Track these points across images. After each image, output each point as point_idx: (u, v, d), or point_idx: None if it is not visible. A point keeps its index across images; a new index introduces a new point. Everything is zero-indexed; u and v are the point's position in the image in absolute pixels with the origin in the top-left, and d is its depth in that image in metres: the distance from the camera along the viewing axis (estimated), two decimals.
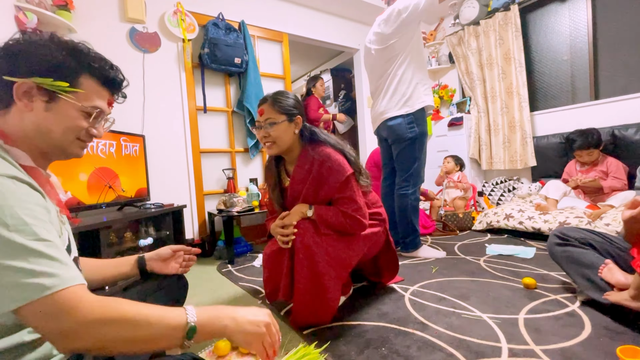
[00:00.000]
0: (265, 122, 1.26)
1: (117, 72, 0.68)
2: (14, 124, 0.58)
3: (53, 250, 0.50)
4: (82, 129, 0.62)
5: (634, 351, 0.85)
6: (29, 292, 0.46)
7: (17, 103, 0.57)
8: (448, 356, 0.98)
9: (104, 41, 2.28)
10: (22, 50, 0.57)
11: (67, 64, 0.59)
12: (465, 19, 3.42)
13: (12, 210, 0.47)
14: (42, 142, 0.60)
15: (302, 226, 1.21)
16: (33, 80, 0.56)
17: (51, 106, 0.59)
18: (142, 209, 2.06)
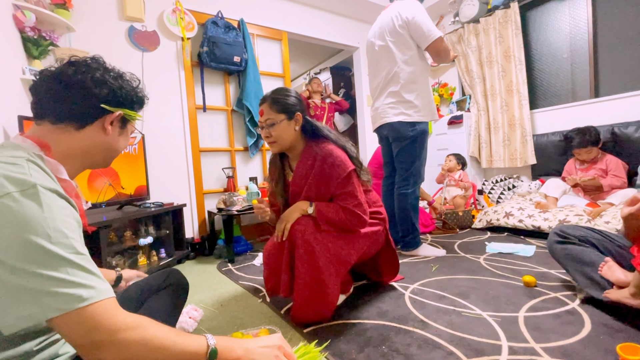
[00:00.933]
0: (266, 123, 1.26)
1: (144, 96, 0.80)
2: (81, 141, 0.64)
3: (89, 264, 0.52)
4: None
5: (634, 349, 0.85)
6: (67, 303, 0.47)
7: (104, 126, 0.66)
8: (448, 354, 0.98)
9: (102, 40, 2.27)
10: (115, 83, 0.67)
11: (137, 98, 0.73)
12: (465, 17, 3.41)
13: (55, 223, 0.49)
14: (103, 157, 0.70)
15: (302, 222, 1.22)
16: (124, 111, 0.69)
17: (123, 131, 0.72)
18: (141, 208, 2.06)
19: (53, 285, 0.47)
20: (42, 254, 0.47)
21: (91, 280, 0.51)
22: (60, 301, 0.47)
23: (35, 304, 0.46)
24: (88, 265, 0.51)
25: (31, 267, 0.46)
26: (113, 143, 0.69)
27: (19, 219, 0.47)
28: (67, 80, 0.62)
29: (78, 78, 0.62)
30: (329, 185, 1.25)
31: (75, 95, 0.62)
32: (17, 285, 0.46)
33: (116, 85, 0.67)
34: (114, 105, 0.66)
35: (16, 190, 0.48)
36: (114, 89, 0.66)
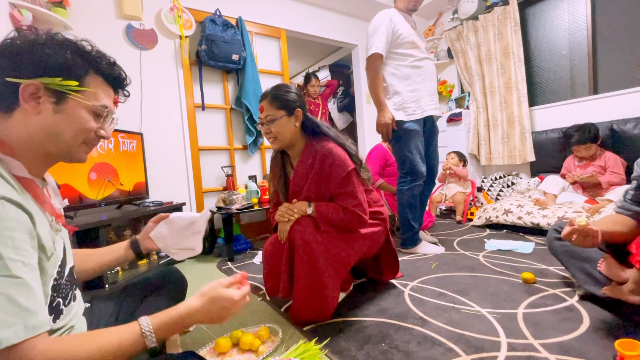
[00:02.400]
0: (266, 119, 1.26)
1: (120, 69, 0.67)
2: (17, 128, 0.55)
3: (20, 291, 0.45)
4: (92, 130, 0.61)
5: (632, 344, 0.85)
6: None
7: (23, 106, 0.55)
8: (447, 351, 0.98)
9: (100, 38, 2.26)
10: (25, 50, 0.54)
11: (74, 63, 0.57)
12: (463, 14, 3.40)
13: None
14: (51, 145, 0.58)
15: (302, 223, 1.21)
16: (41, 80, 0.54)
17: (60, 107, 0.56)
18: (141, 207, 2.06)
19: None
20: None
21: (14, 315, 0.44)
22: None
23: None
24: (16, 295, 0.44)
25: None
26: (50, 124, 0.56)
27: None
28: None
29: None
30: (328, 185, 1.25)
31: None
32: None
33: (24, 50, 0.54)
34: (28, 76, 0.53)
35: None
36: (20, 55, 0.54)
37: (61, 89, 0.56)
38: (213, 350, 1.06)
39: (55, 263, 0.58)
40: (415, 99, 2.00)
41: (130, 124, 2.29)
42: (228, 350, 1.06)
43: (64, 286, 0.62)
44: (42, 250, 0.54)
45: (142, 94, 2.39)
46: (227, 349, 1.06)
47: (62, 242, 0.64)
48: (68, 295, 0.63)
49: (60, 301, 0.60)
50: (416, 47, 2.03)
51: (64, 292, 0.61)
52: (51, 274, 0.57)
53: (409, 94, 1.99)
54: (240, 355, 1.05)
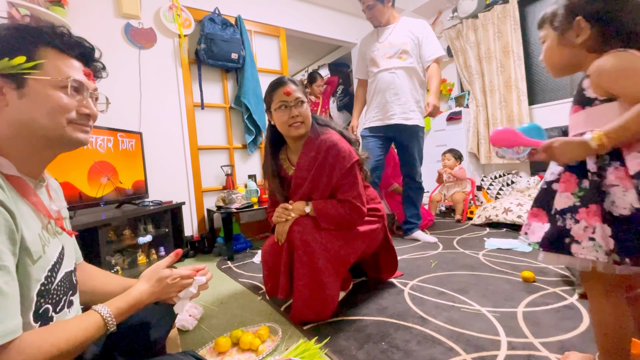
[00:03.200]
0: (296, 102, 1.25)
1: (80, 39, 0.61)
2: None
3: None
4: (68, 108, 0.56)
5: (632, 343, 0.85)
6: None
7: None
8: (447, 350, 0.98)
9: (98, 37, 2.25)
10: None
11: (18, 39, 0.53)
12: (463, 12, 3.40)
13: None
14: (33, 136, 0.55)
15: (301, 223, 1.21)
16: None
17: (23, 92, 0.53)
18: (140, 207, 2.06)
19: None
20: None
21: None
22: None
23: None
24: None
25: None
26: (23, 113, 0.52)
27: None
28: None
29: None
30: (331, 176, 1.25)
31: None
32: None
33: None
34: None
35: None
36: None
37: (12, 70, 0.51)
38: (213, 350, 1.06)
39: (43, 267, 0.55)
40: (368, 110, 2.37)
41: (130, 124, 2.29)
42: (228, 350, 1.06)
43: (54, 292, 0.59)
44: (27, 253, 0.52)
45: (141, 93, 2.39)
46: (227, 349, 1.06)
47: (59, 245, 0.62)
48: (61, 301, 0.60)
49: (50, 307, 0.57)
50: (374, 64, 2.29)
51: (54, 299, 0.58)
52: (37, 279, 0.54)
53: (368, 107, 2.38)
54: (240, 354, 1.05)
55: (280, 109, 1.25)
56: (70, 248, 0.68)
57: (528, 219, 0.79)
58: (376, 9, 2.20)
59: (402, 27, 2.24)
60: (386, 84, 2.22)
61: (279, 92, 1.25)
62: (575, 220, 0.67)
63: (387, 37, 2.24)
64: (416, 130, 2.26)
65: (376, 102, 2.28)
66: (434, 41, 2.27)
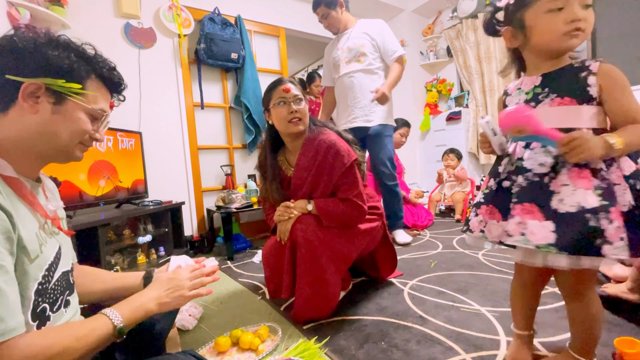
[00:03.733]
0: (295, 98, 1.26)
1: (119, 75, 0.68)
2: (11, 127, 0.55)
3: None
4: (87, 132, 0.62)
5: (631, 343, 0.85)
6: None
7: (21, 104, 0.54)
8: (447, 349, 0.98)
9: (98, 37, 2.25)
10: (27, 49, 0.54)
11: (77, 66, 0.58)
12: (463, 12, 3.40)
13: None
14: (45, 145, 0.58)
15: (304, 221, 1.21)
16: (43, 81, 0.54)
17: (58, 108, 0.57)
18: (140, 206, 2.06)
19: None
20: None
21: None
22: None
23: None
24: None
25: None
26: (47, 125, 0.56)
27: None
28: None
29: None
30: (331, 175, 1.25)
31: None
32: None
33: (28, 49, 0.53)
34: (29, 75, 0.53)
35: None
36: (23, 54, 0.53)
37: (64, 90, 0.56)
38: (213, 350, 1.06)
39: (40, 266, 0.56)
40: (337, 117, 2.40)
41: (129, 123, 2.29)
42: (228, 349, 1.06)
43: (52, 291, 0.59)
44: (24, 252, 0.52)
45: (140, 92, 2.38)
46: (227, 348, 1.06)
47: (56, 245, 0.63)
48: (57, 300, 0.61)
49: (47, 307, 0.57)
50: (336, 69, 2.30)
51: (51, 298, 0.59)
52: (35, 278, 0.55)
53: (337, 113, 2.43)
54: (240, 354, 1.05)
55: (279, 105, 1.26)
56: (67, 248, 0.68)
57: (519, 215, 0.72)
58: (330, 17, 2.19)
59: (359, 30, 2.21)
60: (346, 89, 2.23)
61: (277, 90, 1.27)
62: (609, 220, 0.63)
63: (345, 42, 2.23)
64: (379, 130, 2.20)
65: (341, 107, 2.32)
66: (392, 40, 2.19)
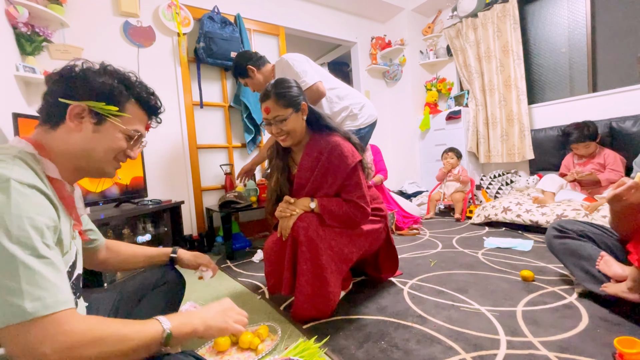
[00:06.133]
0: (275, 120, 1.24)
1: (157, 100, 0.75)
2: (59, 142, 0.62)
3: (48, 269, 0.49)
4: (122, 150, 0.68)
5: (631, 342, 0.85)
6: (8, 315, 0.44)
7: (68, 123, 0.62)
8: (447, 349, 0.98)
9: (97, 36, 2.24)
10: (79, 76, 0.63)
11: (118, 91, 0.65)
12: (463, 11, 3.39)
13: (20, 221, 0.47)
14: (84, 160, 0.65)
15: (305, 219, 1.21)
16: (87, 103, 0.62)
17: (99, 128, 0.64)
18: (139, 206, 2.05)
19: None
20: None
21: (43, 289, 0.47)
22: (2, 312, 0.44)
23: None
24: (45, 271, 0.48)
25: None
26: (87, 142, 0.63)
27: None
28: (46, 80, 0.64)
29: (50, 78, 0.63)
30: (336, 177, 1.25)
31: (45, 94, 0.63)
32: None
33: (80, 76, 0.63)
34: (77, 98, 0.61)
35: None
36: (75, 80, 0.62)
37: (103, 112, 0.63)
38: (212, 349, 1.06)
39: (67, 262, 0.61)
40: None
41: None
42: (227, 349, 1.06)
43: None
44: (60, 245, 0.57)
45: None
46: (227, 348, 1.06)
47: (75, 248, 0.67)
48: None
49: None
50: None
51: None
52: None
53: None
54: (240, 353, 1.04)
55: (266, 124, 1.28)
56: (81, 254, 0.72)
57: None
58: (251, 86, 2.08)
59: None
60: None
61: (262, 107, 1.27)
62: None
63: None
64: None
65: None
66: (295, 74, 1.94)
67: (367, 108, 1.99)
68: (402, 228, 2.57)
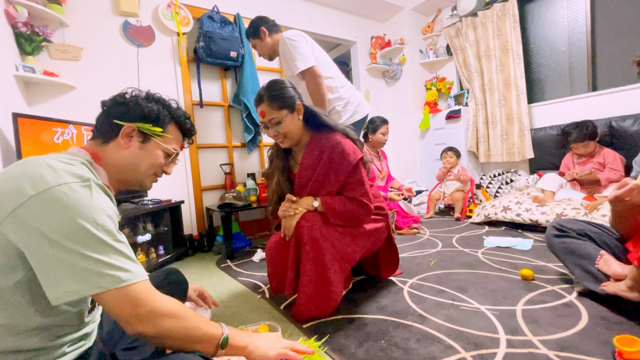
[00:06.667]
0: (270, 123, 1.24)
1: (191, 123, 0.86)
2: (110, 154, 0.72)
3: (127, 250, 0.60)
4: (161, 166, 0.78)
5: (631, 340, 0.85)
6: (109, 282, 0.55)
7: (119, 140, 0.72)
8: (447, 348, 0.98)
9: (97, 35, 2.24)
10: (131, 102, 0.74)
11: (162, 115, 0.76)
12: (463, 11, 3.39)
13: (101, 213, 0.57)
14: (129, 173, 0.74)
15: (309, 218, 1.21)
16: (137, 124, 0.73)
17: (144, 146, 0.74)
18: (139, 205, 2.05)
19: (97, 267, 0.54)
20: (89, 238, 0.54)
21: (128, 264, 0.58)
22: (103, 280, 0.54)
23: (81, 280, 0.53)
24: (126, 251, 0.59)
25: (79, 248, 0.53)
26: (133, 157, 0.73)
27: (72, 204, 0.54)
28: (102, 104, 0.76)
29: (106, 103, 0.75)
30: (338, 175, 1.25)
31: (101, 114, 0.75)
32: (67, 262, 0.52)
33: (132, 102, 0.74)
34: (129, 120, 0.72)
35: (74, 182, 0.56)
36: (128, 105, 0.73)
37: (149, 132, 0.74)
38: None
39: None
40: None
41: None
42: None
43: None
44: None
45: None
46: None
47: None
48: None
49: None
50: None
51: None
52: None
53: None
54: None
55: (263, 127, 1.29)
56: None
57: None
58: (258, 48, 2.10)
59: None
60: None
61: (257, 111, 1.28)
62: None
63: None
64: None
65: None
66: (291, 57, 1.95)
67: (351, 105, 1.96)
68: (402, 227, 2.57)
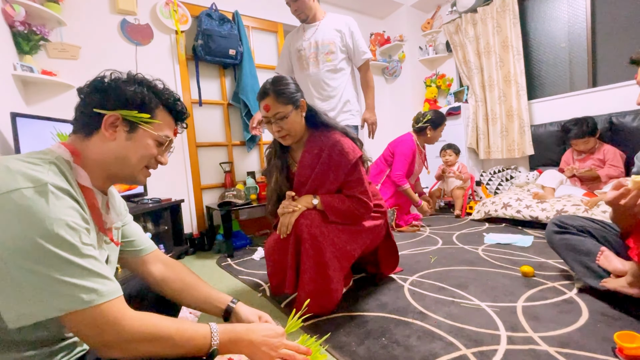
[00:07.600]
0: (275, 117, 1.23)
1: (183, 105, 0.75)
2: (94, 149, 0.64)
3: (94, 265, 0.53)
4: (153, 156, 0.70)
5: (631, 336, 0.86)
6: (67, 304, 0.49)
7: (103, 132, 0.63)
8: (447, 345, 0.98)
9: (94, 34, 2.23)
10: (110, 86, 0.64)
11: (148, 99, 0.67)
12: (462, 7, 3.37)
13: (59, 225, 0.50)
14: (117, 167, 0.66)
15: (309, 216, 1.21)
16: (120, 112, 0.63)
17: (131, 136, 0.66)
18: (139, 204, 2.05)
19: (55, 287, 0.48)
20: (42, 255, 0.48)
21: (94, 282, 0.52)
22: (61, 302, 0.49)
23: (37, 302, 0.48)
24: (92, 267, 0.53)
25: (33, 267, 0.47)
26: (121, 150, 0.65)
27: (24, 216, 0.47)
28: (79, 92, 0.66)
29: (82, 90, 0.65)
30: (337, 173, 1.25)
31: (79, 104, 0.65)
32: (20, 282, 0.47)
33: (112, 86, 0.65)
34: (111, 108, 0.63)
35: (27, 187, 0.49)
36: (107, 91, 0.64)
37: (136, 120, 0.65)
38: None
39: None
40: None
41: None
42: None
43: None
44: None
45: None
46: None
47: (105, 254, 0.68)
48: None
49: None
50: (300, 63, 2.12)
51: None
52: None
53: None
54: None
55: (265, 122, 1.27)
56: (114, 258, 0.73)
57: None
58: (301, 1, 2.02)
59: (329, 25, 2.05)
60: (312, 86, 2.06)
61: (260, 105, 1.26)
62: None
63: (312, 34, 2.06)
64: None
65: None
66: (363, 41, 2.08)
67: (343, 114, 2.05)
68: (401, 225, 2.57)
